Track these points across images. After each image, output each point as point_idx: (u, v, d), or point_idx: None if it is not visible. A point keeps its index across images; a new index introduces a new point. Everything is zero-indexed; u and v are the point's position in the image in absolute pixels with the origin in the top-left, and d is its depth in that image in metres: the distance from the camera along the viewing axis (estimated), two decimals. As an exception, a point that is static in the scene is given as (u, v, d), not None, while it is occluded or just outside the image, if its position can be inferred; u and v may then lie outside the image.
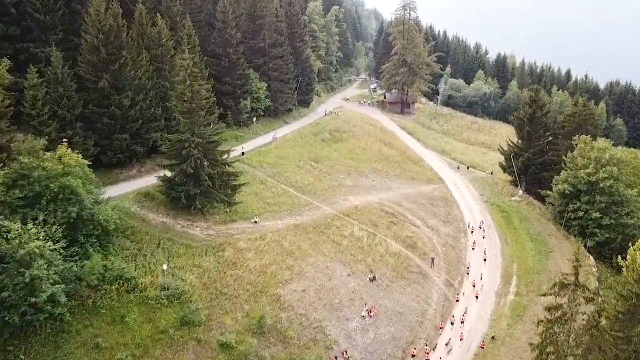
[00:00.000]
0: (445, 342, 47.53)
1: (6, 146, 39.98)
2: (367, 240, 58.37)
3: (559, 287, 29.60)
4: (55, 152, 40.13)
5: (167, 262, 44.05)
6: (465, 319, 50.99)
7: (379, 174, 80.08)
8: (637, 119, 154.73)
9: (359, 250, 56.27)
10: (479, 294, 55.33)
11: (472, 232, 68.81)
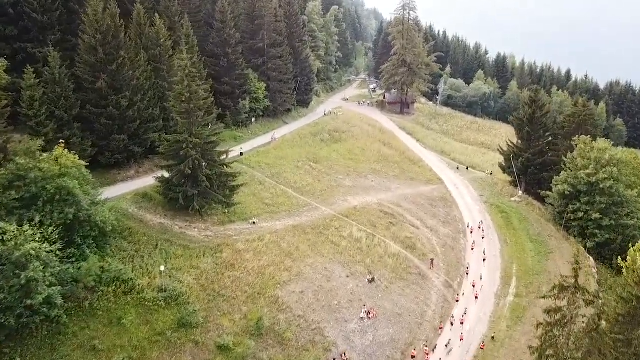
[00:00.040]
0: (445, 344, 47.33)
1: (3, 147, 39.88)
2: (366, 241, 58.12)
3: (559, 290, 29.36)
4: (52, 153, 39.93)
5: (165, 264, 43.90)
6: (465, 319, 50.79)
7: (378, 175, 79.83)
8: (637, 119, 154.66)
9: (357, 251, 56.02)
10: (478, 295, 55.13)
11: (471, 232, 68.60)
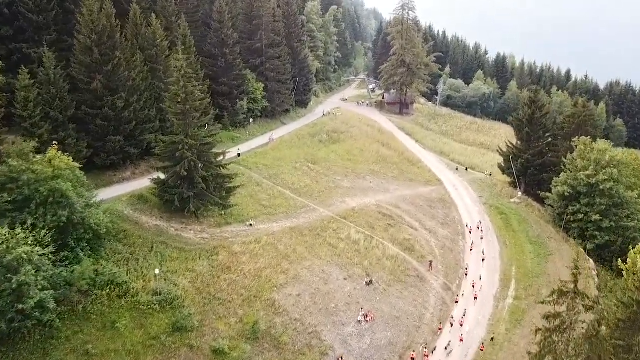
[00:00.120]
0: (444, 346, 46.86)
1: (-4, 149, 39.40)
2: (364, 243, 57.62)
3: (558, 295, 28.91)
4: (45, 155, 39.48)
5: (160, 267, 43.38)
6: (464, 321, 50.39)
7: (377, 176, 79.33)
8: (637, 119, 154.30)
9: (355, 253, 55.51)
10: (477, 295, 54.71)
11: (470, 232, 68.24)
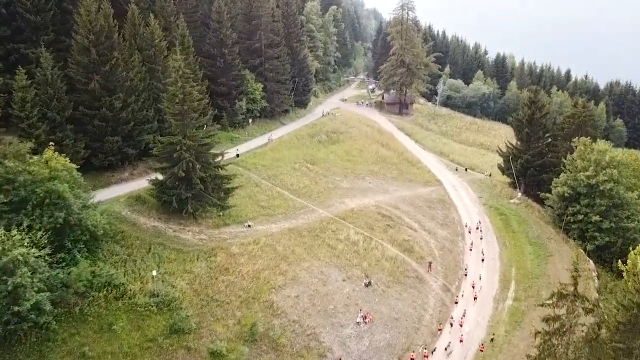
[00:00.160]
0: (444, 347, 46.68)
1: (-8, 149, 39.16)
2: (362, 244, 57.37)
3: (557, 298, 28.65)
4: (42, 156, 39.26)
5: (158, 268, 43.20)
6: (464, 321, 50.22)
7: (376, 176, 79.06)
8: (637, 119, 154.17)
9: (354, 254, 55.26)
10: (477, 296, 54.51)
11: (469, 232, 68.06)
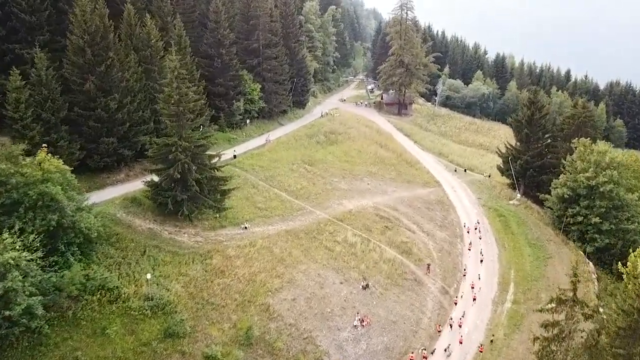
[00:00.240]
0: (444, 348, 46.24)
1: (-16, 151, 38.69)
2: (360, 246, 56.87)
3: (557, 303, 28.16)
4: (34, 158, 38.77)
5: (152, 271, 42.66)
6: (463, 322, 49.83)
7: (375, 177, 78.57)
8: (637, 119, 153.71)
9: (352, 256, 54.76)
10: (476, 297, 54.10)
11: (468, 232, 67.65)
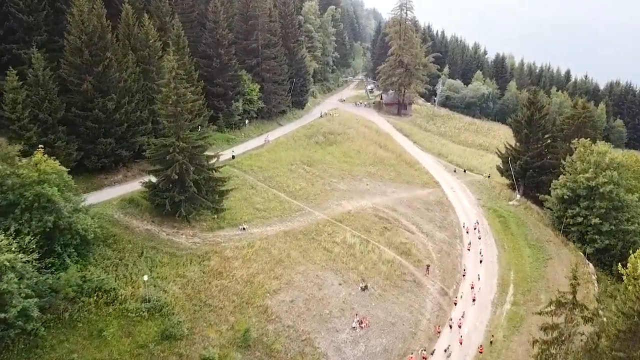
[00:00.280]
0: (444, 348, 46.02)
1: (-20, 152, 38.43)
2: (359, 247, 56.60)
3: (556, 306, 27.90)
4: (31, 159, 38.53)
5: (150, 272, 42.49)
6: (462, 322, 49.63)
7: (374, 178, 78.30)
8: (637, 120, 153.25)
9: (350, 257, 54.49)
10: (476, 297, 53.89)
11: (467, 232, 67.42)
